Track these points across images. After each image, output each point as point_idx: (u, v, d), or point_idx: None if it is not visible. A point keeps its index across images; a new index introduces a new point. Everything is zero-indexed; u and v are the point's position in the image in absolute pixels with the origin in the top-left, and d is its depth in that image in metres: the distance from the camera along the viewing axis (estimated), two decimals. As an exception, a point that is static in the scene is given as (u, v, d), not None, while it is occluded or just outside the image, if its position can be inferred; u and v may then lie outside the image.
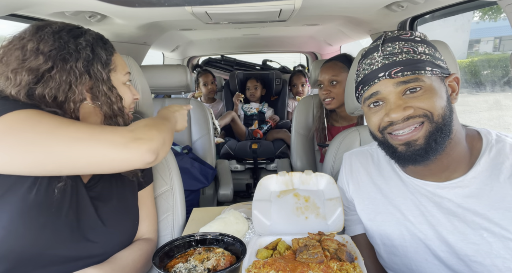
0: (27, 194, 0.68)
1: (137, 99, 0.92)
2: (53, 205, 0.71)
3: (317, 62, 2.06)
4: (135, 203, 0.94)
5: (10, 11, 1.11)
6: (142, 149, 0.69)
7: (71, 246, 0.74)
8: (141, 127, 0.74)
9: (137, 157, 0.69)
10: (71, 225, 0.74)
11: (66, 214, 0.74)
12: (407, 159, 0.75)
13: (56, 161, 0.64)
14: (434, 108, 0.71)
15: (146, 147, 0.69)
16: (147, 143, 0.70)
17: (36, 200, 0.69)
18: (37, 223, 0.69)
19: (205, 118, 2.05)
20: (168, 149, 0.79)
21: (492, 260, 0.70)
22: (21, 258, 0.68)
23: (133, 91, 0.92)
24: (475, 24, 7.57)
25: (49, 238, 0.70)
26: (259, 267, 0.69)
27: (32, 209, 0.68)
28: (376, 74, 0.75)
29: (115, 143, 0.68)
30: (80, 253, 0.75)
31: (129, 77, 0.90)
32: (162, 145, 0.74)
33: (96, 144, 0.66)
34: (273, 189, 1.02)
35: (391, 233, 0.84)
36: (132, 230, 0.91)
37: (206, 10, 1.40)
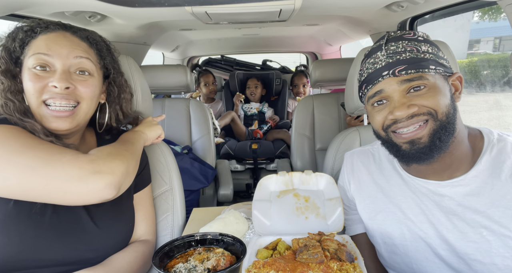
0: (5, 205, 0.67)
1: (55, 87, 0.73)
2: (34, 212, 0.70)
3: (317, 62, 2.06)
4: (130, 205, 0.92)
5: (10, 11, 1.11)
6: (100, 184, 0.65)
7: (60, 250, 0.73)
8: (103, 156, 0.69)
9: (94, 192, 0.65)
10: (57, 229, 0.73)
11: (49, 219, 0.72)
12: (411, 157, 0.75)
13: (11, 188, 0.62)
14: (438, 106, 0.71)
15: (105, 182, 0.65)
16: (107, 178, 0.65)
17: (14, 209, 0.67)
18: (16, 231, 0.67)
19: (205, 118, 2.05)
20: (133, 178, 0.76)
21: (492, 259, 0.70)
22: (7, 265, 0.67)
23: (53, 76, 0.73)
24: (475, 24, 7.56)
25: (32, 244, 0.69)
26: (259, 267, 0.69)
27: (11, 218, 0.67)
28: (380, 72, 0.75)
29: (70, 176, 0.63)
30: (72, 257, 0.74)
31: (41, 58, 0.73)
32: (125, 177, 0.71)
33: (49, 175, 0.62)
34: (273, 189, 1.02)
35: (392, 232, 0.85)
36: (127, 233, 0.89)
37: (206, 10, 1.40)
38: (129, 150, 0.78)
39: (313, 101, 2.03)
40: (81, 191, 0.64)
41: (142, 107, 1.12)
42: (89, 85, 0.79)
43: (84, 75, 0.78)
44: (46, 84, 0.73)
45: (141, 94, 1.11)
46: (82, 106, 0.78)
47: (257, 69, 3.96)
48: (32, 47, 0.75)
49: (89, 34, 0.83)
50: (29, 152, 0.63)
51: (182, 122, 2.03)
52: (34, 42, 0.75)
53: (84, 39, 0.81)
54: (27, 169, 0.62)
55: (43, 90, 0.73)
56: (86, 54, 0.79)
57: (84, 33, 0.82)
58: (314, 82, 2.07)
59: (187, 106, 2.03)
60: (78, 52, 0.77)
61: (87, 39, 0.82)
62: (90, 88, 0.79)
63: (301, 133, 2.02)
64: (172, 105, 2.04)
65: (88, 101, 0.79)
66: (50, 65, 0.74)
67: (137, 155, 0.82)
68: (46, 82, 0.73)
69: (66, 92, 0.74)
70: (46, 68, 0.74)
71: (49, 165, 0.63)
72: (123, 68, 1.08)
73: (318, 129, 2.01)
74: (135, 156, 0.79)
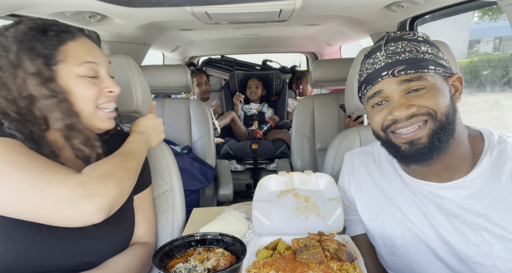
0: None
1: (112, 92, 0.80)
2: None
3: (317, 62, 2.06)
4: (130, 207, 0.91)
5: (10, 11, 1.11)
6: (89, 209, 0.63)
7: (60, 255, 0.72)
8: (97, 178, 0.67)
9: (82, 217, 0.63)
10: (56, 234, 0.72)
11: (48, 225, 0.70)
12: (410, 158, 0.75)
13: (2, 207, 0.61)
14: (437, 106, 0.71)
15: (95, 207, 0.63)
16: (97, 202, 0.64)
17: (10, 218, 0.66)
18: (15, 238, 0.67)
19: (205, 118, 2.05)
20: (126, 197, 0.74)
21: (493, 261, 0.70)
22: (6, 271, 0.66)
23: (105, 82, 0.79)
24: (475, 24, 7.57)
25: (31, 251, 0.68)
26: (259, 267, 0.69)
27: (9, 226, 0.66)
28: (379, 73, 0.75)
29: (60, 200, 0.62)
30: (72, 261, 0.73)
31: (92, 68, 0.77)
32: (118, 199, 0.69)
33: (38, 197, 0.61)
34: (273, 189, 1.02)
35: (392, 234, 0.84)
36: (126, 235, 0.88)
37: (206, 10, 1.40)
38: (128, 168, 0.76)
39: (313, 101, 2.03)
40: (69, 215, 0.63)
41: (142, 107, 1.12)
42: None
43: (114, 79, 0.84)
44: (101, 90, 0.78)
45: (141, 94, 1.11)
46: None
47: (257, 69, 3.97)
48: (70, 54, 0.74)
49: (94, 38, 0.86)
50: (19, 171, 0.61)
51: (182, 122, 2.03)
52: (66, 48, 0.74)
53: (96, 43, 0.84)
54: (16, 190, 0.60)
55: (99, 96, 0.78)
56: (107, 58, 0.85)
57: (93, 37, 0.85)
58: (314, 82, 2.07)
59: (187, 106, 2.03)
60: (107, 58, 0.83)
61: (96, 43, 0.85)
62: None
63: (301, 133, 2.02)
64: (172, 105, 2.04)
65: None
66: (96, 71, 0.79)
67: (136, 171, 0.80)
68: (99, 88, 0.78)
69: (113, 95, 0.82)
70: (95, 75, 0.79)
71: (38, 187, 0.61)
72: (123, 68, 1.08)
73: (318, 129, 2.01)
74: (132, 174, 0.77)
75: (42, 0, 1.13)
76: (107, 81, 0.80)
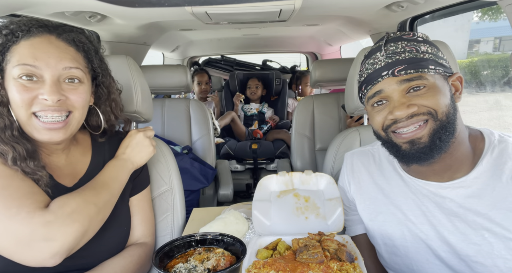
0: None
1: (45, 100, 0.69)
2: None
3: (317, 62, 2.06)
4: (125, 209, 0.89)
5: (10, 11, 1.11)
6: (46, 254, 0.61)
7: None
8: (64, 217, 0.64)
9: (36, 260, 0.62)
10: None
11: None
12: (411, 157, 0.75)
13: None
14: (438, 106, 0.71)
15: (52, 252, 0.61)
16: (56, 247, 0.61)
17: None
18: None
19: (205, 118, 2.05)
20: (92, 235, 0.72)
21: (494, 261, 0.70)
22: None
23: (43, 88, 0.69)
24: (475, 24, 7.57)
25: None
26: (259, 267, 0.69)
27: None
28: (379, 73, 0.75)
29: (19, 239, 0.60)
30: (65, 264, 0.71)
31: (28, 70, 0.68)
32: (80, 240, 0.66)
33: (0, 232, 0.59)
34: (273, 189, 1.02)
35: (392, 233, 0.84)
36: (121, 238, 0.86)
37: (206, 10, 1.40)
38: (99, 203, 0.72)
39: (313, 101, 2.03)
40: (26, 256, 0.61)
41: (142, 107, 1.12)
42: (80, 93, 0.75)
43: (74, 83, 0.74)
44: (36, 95, 0.69)
45: (141, 94, 1.11)
46: (75, 115, 0.75)
47: (257, 69, 3.97)
48: (15, 55, 0.69)
49: (75, 36, 0.76)
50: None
51: (182, 122, 2.03)
52: (16, 48, 0.69)
53: (71, 43, 0.75)
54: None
55: (32, 102, 0.69)
56: (76, 62, 0.74)
57: (70, 35, 0.75)
58: (314, 82, 2.07)
59: (187, 106, 2.03)
60: (66, 62, 0.72)
61: (73, 42, 0.75)
62: (81, 96, 0.75)
63: (301, 133, 2.02)
64: (172, 105, 2.04)
65: (80, 110, 0.76)
66: (37, 75, 0.69)
67: (109, 205, 0.76)
68: (35, 94, 0.68)
69: (58, 104, 0.70)
70: (33, 77, 0.69)
71: (1, 222, 0.61)
72: (123, 68, 1.08)
73: (318, 129, 2.01)
74: (103, 210, 0.74)
75: (42, 0, 1.13)
76: (46, 87, 0.69)
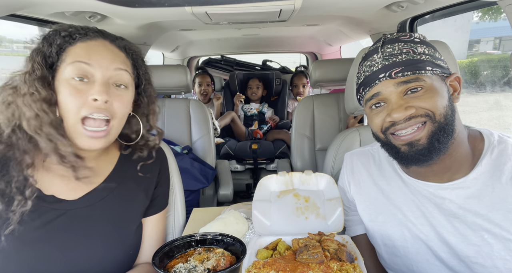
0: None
1: (96, 100, 0.69)
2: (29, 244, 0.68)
3: (317, 62, 2.06)
4: (135, 232, 0.84)
5: (10, 11, 1.11)
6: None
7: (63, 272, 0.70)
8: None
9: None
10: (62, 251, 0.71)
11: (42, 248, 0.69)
12: (410, 159, 0.75)
13: None
14: (435, 107, 0.71)
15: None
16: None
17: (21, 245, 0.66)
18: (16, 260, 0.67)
19: (205, 118, 2.05)
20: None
21: (493, 262, 0.70)
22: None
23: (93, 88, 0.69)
24: (475, 24, 7.57)
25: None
26: (259, 267, 0.69)
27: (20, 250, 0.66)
28: (376, 75, 0.75)
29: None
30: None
31: (81, 68, 0.69)
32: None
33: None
34: (273, 189, 1.02)
35: (392, 234, 0.84)
36: (125, 262, 0.82)
37: (206, 11, 1.40)
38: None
39: (313, 101, 2.03)
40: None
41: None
42: (124, 100, 0.75)
43: (120, 88, 0.75)
44: (86, 98, 0.69)
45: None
46: (114, 124, 0.75)
47: (257, 69, 3.96)
48: (70, 54, 0.71)
49: (126, 44, 0.80)
50: None
51: (182, 122, 2.03)
52: (72, 49, 0.71)
53: (122, 49, 0.78)
54: None
55: (83, 106, 0.69)
56: (125, 65, 0.76)
57: (122, 42, 0.79)
58: (314, 82, 2.07)
59: (187, 106, 2.03)
60: (118, 64, 0.74)
61: (124, 49, 0.78)
62: (124, 103, 0.76)
63: (301, 133, 2.01)
64: (172, 105, 2.04)
65: (120, 118, 0.76)
66: (89, 75, 0.70)
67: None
68: (85, 96, 0.69)
69: (104, 107, 0.71)
70: (85, 79, 0.70)
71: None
72: None
73: (318, 129, 2.01)
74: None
75: (42, 0, 1.13)
76: (96, 87, 0.70)
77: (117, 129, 0.77)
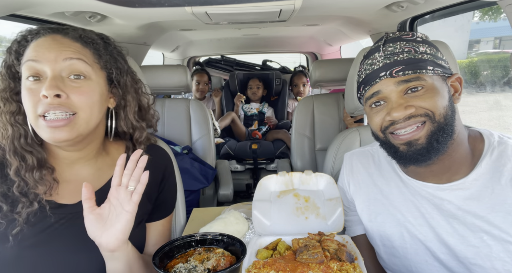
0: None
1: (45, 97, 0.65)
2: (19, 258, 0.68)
3: (317, 62, 2.06)
4: (137, 237, 0.82)
5: (10, 11, 1.11)
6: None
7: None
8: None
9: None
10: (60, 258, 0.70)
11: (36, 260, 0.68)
12: (408, 159, 0.75)
13: None
14: (435, 107, 0.71)
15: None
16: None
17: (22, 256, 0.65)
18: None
19: (205, 118, 2.05)
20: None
21: (492, 263, 0.70)
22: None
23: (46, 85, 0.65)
24: (475, 24, 7.57)
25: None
26: (259, 267, 0.69)
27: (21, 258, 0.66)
28: (377, 73, 0.75)
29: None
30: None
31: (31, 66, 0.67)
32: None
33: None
34: (273, 189, 1.02)
35: (391, 234, 0.84)
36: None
37: (206, 11, 1.40)
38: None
39: (313, 101, 2.03)
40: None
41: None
42: (84, 91, 0.70)
43: (80, 79, 0.70)
44: (39, 96, 0.66)
45: (141, 94, 1.10)
46: (80, 115, 0.69)
47: (257, 69, 3.96)
48: (25, 57, 0.69)
49: (82, 33, 0.74)
50: None
51: (182, 122, 2.03)
52: (27, 51, 0.70)
53: (77, 39, 0.72)
54: None
55: (37, 104, 0.66)
56: (78, 54, 0.70)
57: (77, 32, 0.74)
58: (314, 82, 2.07)
59: (187, 106, 2.03)
60: (68, 53, 0.69)
61: (80, 38, 0.73)
62: (85, 94, 0.70)
63: (301, 133, 2.02)
64: (172, 105, 2.04)
65: (87, 109, 0.70)
66: (41, 73, 0.67)
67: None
68: (39, 95, 0.66)
69: (57, 102, 0.66)
70: (40, 77, 0.67)
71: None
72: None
73: (318, 129, 2.01)
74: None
75: (42, 0, 1.13)
76: (46, 82, 0.66)
77: (85, 121, 0.71)
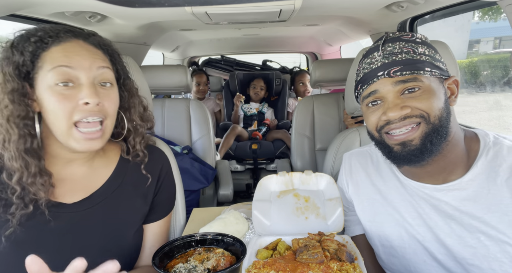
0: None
1: (87, 104, 0.67)
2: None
3: (317, 62, 2.06)
4: (134, 237, 0.82)
5: (10, 11, 1.11)
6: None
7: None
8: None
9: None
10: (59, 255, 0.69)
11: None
12: (402, 159, 0.75)
13: None
14: (431, 109, 0.71)
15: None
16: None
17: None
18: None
19: (205, 118, 2.05)
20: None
21: (489, 264, 0.70)
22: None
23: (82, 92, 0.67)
24: (475, 24, 7.57)
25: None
26: (259, 268, 0.69)
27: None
28: (375, 73, 0.75)
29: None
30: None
31: (64, 72, 0.66)
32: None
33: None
34: (273, 189, 1.02)
35: (390, 235, 0.84)
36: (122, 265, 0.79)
37: (206, 11, 1.40)
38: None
39: (313, 101, 2.03)
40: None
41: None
42: (112, 98, 0.74)
43: (106, 86, 0.73)
44: (76, 103, 0.67)
45: (141, 94, 1.11)
46: (108, 123, 0.73)
47: (257, 69, 3.97)
48: (47, 60, 0.67)
49: (99, 40, 0.76)
50: None
51: (182, 122, 2.03)
52: (47, 54, 0.67)
53: (98, 46, 0.74)
54: None
55: (73, 111, 0.67)
56: (105, 62, 0.73)
57: (95, 39, 0.75)
58: (314, 82, 2.07)
59: (187, 106, 2.03)
60: (99, 62, 0.71)
61: (99, 45, 0.75)
62: (113, 101, 0.74)
63: (301, 133, 2.02)
64: (172, 105, 2.04)
65: (113, 116, 0.74)
66: (73, 79, 0.67)
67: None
68: (75, 101, 0.67)
69: (97, 109, 0.69)
70: (69, 83, 0.67)
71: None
72: None
73: (318, 129, 2.01)
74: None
75: (42, 0, 1.13)
76: (85, 90, 0.67)
77: (110, 128, 0.75)
